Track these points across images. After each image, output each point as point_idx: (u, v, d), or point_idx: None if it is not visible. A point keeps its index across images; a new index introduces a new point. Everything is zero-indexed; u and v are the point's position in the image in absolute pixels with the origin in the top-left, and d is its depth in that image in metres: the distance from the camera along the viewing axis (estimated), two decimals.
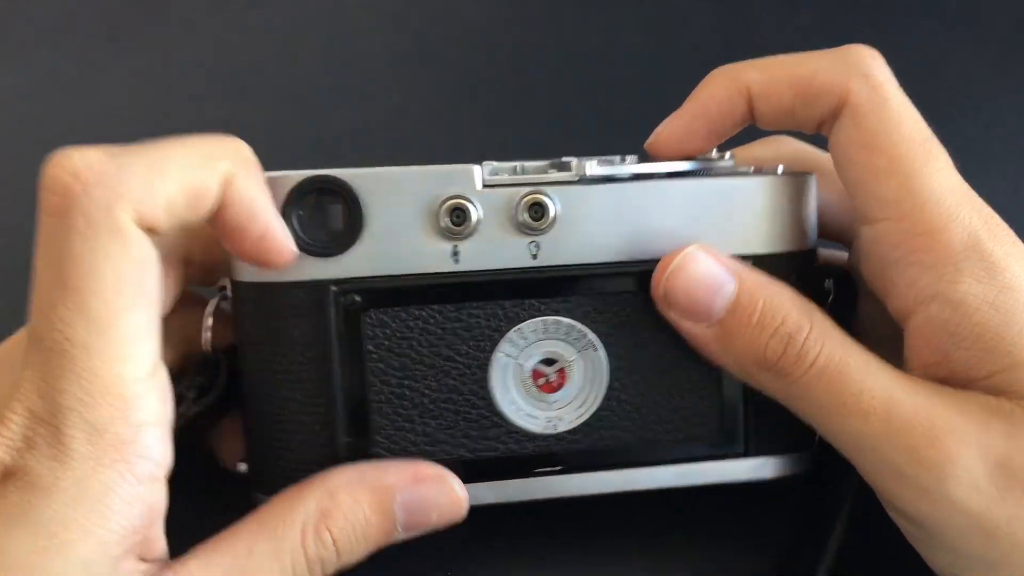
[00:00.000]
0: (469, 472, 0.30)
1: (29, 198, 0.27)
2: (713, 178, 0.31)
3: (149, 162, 0.26)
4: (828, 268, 0.34)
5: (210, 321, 0.32)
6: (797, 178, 0.31)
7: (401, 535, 0.29)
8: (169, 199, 0.26)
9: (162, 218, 0.26)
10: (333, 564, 0.28)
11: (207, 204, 0.27)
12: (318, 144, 0.30)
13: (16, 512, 0.24)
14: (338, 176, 0.29)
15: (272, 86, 0.35)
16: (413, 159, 0.30)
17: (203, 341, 0.32)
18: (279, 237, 0.28)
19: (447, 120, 0.41)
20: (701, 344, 0.30)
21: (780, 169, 0.32)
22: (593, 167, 0.30)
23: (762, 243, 0.31)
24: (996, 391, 0.28)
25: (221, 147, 0.27)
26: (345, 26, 0.42)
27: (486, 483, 0.31)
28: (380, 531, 0.28)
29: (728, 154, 0.32)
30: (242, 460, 0.32)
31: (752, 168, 0.32)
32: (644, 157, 0.32)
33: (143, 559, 0.26)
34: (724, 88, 0.31)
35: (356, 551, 0.28)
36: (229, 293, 0.31)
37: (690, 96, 0.32)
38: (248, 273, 0.30)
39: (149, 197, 0.25)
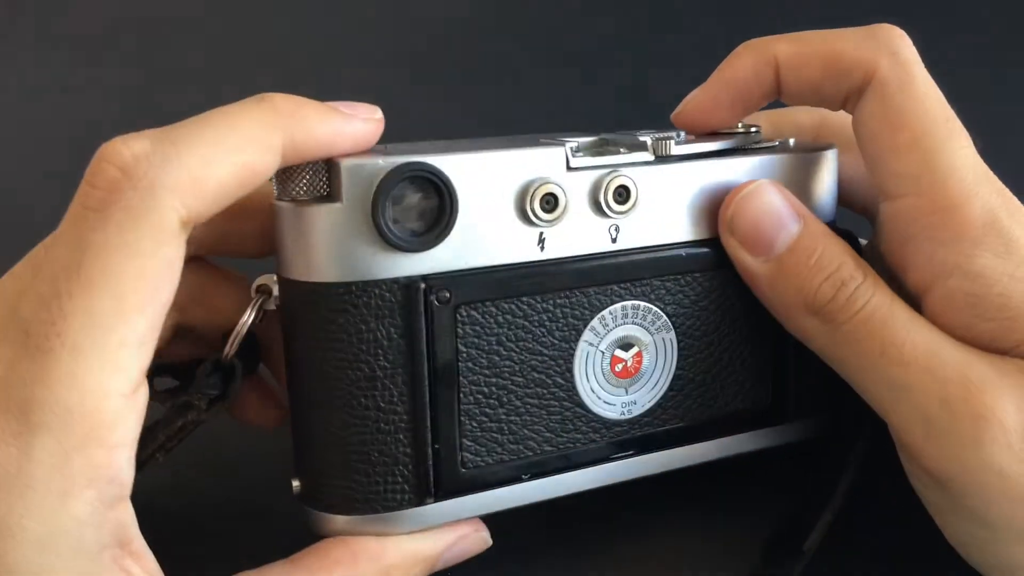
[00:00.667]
0: (550, 466, 0.29)
1: (29, 197, 0.24)
2: (768, 154, 0.31)
3: (203, 151, 0.24)
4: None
5: (245, 329, 0.28)
6: (825, 152, 0.32)
7: None
8: (221, 188, 0.24)
9: (210, 210, 0.24)
10: None
11: (263, 179, 0.25)
12: None
13: None
14: (430, 164, 0.26)
15: (272, 86, 0.31)
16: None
17: (227, 347, 0.28)
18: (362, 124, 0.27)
19: (447, 119, 0.39)
20: (752, 279, 0.30)
21: (792, 142, 0.33)
22: (672, 147, 0.29)
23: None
24: None
25: (269, 112, 0.25)
26: (345, 25, 0.39)
27: (565, 474, 0.30)
28: None
29: (754, 127, 0.33)
30: (295, 477, 0.29)
31: (777, 142, 0.33)
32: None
33: (133, 572, 0.24)
34: (752, 59, 0.31)
35: None
36: (276, 292, 0.28)
37: (718, 68, 0.32)
38: (321, 271, 0.26)
39: (200, 192, 0.24)
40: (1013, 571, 0.29)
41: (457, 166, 0.26)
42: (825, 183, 0.32)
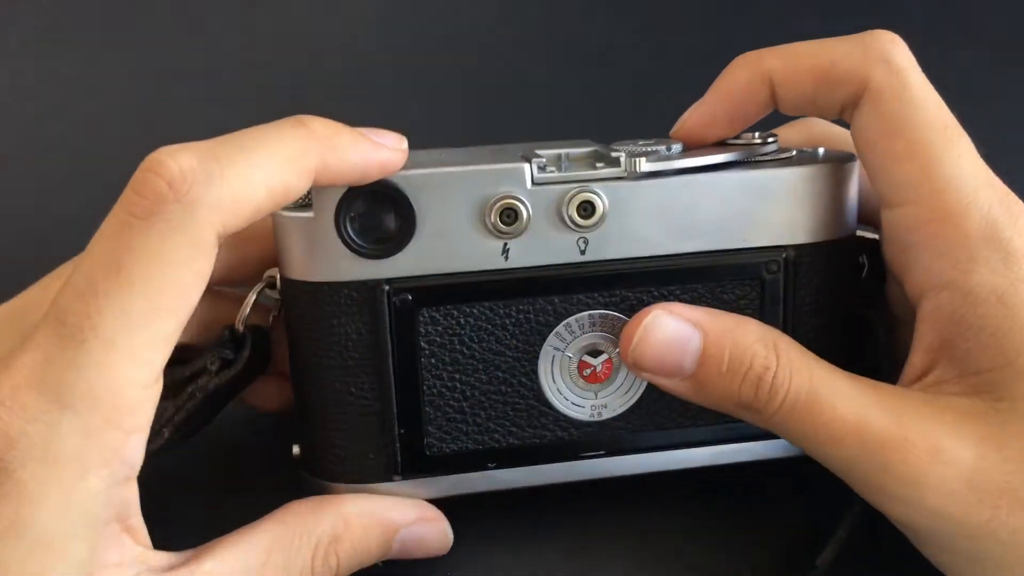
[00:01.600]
0: (516, 457, 0.31)
1: (29, 196, 0.27)
2: (758, 169, 0.31)
3: (242, 170, 0.26)
4: (862, 242, 0.34)
5: (252, 302, 0.32)
6: (841, 165, 0.31)
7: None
8: (257, 207, 0.26)
9: (242, 226, 0.26)
10: None
11: (293, 199, 0.27)
12: None
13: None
14: (390, 180, 0.29)
15: (272, 86, 0.34)
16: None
17: (238, 318, 0.33)
18: (386, 156, 0.28)
19: (447, 116, 0.41)
20: (679, 395, 0.31)
21: (821, 151, 0.32)
22: (642, 164, 0.30)
23: (807, 232, 0.31)
24: (983, 389, 0.28)
25: (305, 138, 0.27)
26: (345, 25, 0.41)
27: (532, 467, 0.32)
28: (375, 558, 0.31)
29: (772, 137, 0.32)
30: (295, 443, 0.33)
31: (794, 152, 0.32)
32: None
33: (126, 544, 0.26)
34: (746, 75, 0.31)
35: (350, 572, 0.30)
36: (278, 283, 0.31)
37: (713, 84, 0.32)
38: (300, 271, 0.30)
39: (238, 209, 0.26)
40: None
41: (416, 182, 0.29)
42: (828, 194, 0.31)
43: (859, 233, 0.34)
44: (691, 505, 0.35)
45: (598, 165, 0.30)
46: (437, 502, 0.32)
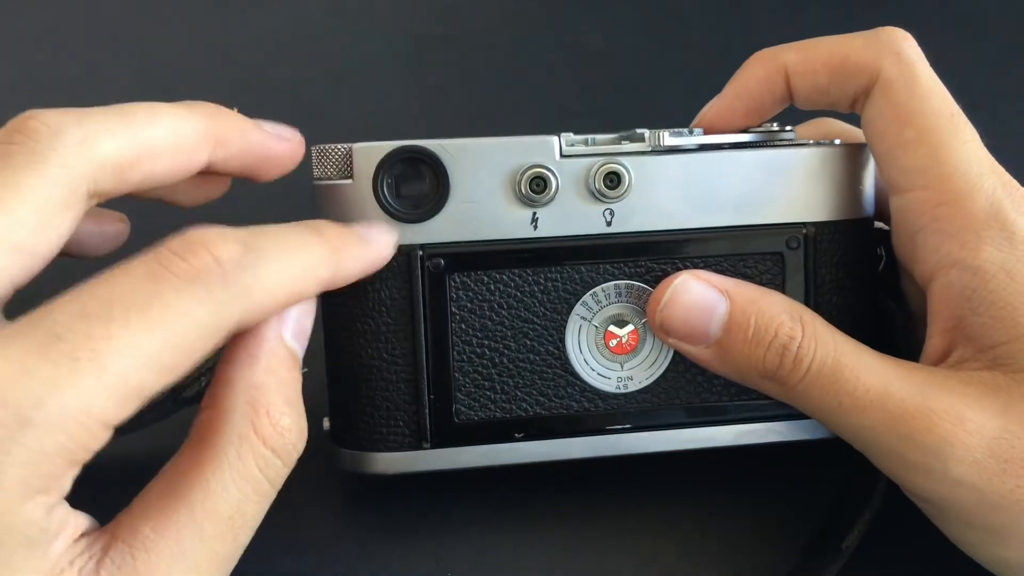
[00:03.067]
0: (543, 429, 0.32)
1: None
2: (777, 148, 0.32)
3: (279, 268, 0.26)
4: (880, 235, 0.35)
5: None
6: (856, 148, 0.33)
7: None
8: (279, 301, 0.26)
9: (263, 318, 0.26)
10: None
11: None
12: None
13: None
14: (426, 146, 0.30)
15: (272, 85, 0.36)
16: None
17: None
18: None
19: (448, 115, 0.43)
20: (703, 363, 0.31)
21: (837, 141, 0.34)
22: (666, 138, 0.31)
23: (825, 211, 0.32)
24: (1002, 362, 0.29)
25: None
26: (345, 25, 0.43)
27: (558, 439, 0.32)
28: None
29: (789, 127, 0.34)
30: (325, 416, 0.34)
31: (810, 141, 0.34)
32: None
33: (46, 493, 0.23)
34: (763, 68, 0.33)
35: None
36: None
37: (731, 79, 0.34)
38: None
39: (266, 306, 0.26)
40: (1011, 567, 0.29)
41: (451, 149, 0.30)
42: (845, 175, 0.32)
43: (877, 225, 0.35)
44: (712, 488, 0.35)
45: (623, 142, 0.31)
46: (464, 473, 0.32)
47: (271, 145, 0.30)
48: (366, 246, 0.29)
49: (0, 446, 0.21)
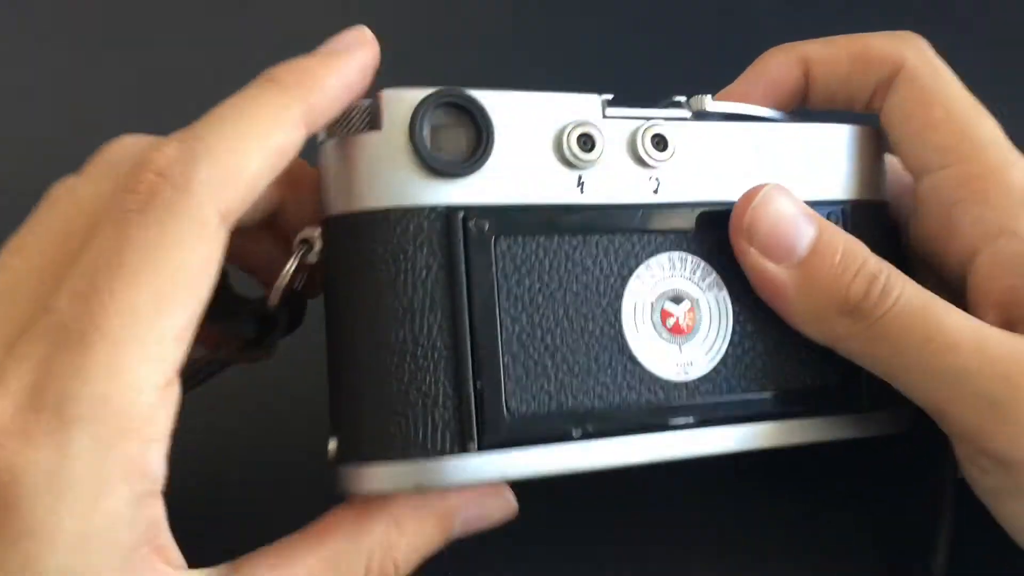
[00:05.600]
0: (604, 424, 0.27)
1: (30, 197, 0.25)
2: (816, 124, 0.31)
3: (230, 144, 0.24)
4: None
5: (287, 279, 0.28)
6: (879, 132, 0.32)
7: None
8: (255, 176, 0.24)
9: (245, 200, 0.24)
10: None
11: (292, 156, 0.25)
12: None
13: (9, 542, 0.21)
14: (467, 92, 0.27)
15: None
16: None
17: (272, 291, 0.28)
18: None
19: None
20: (776, 288, 0.28)
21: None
22: (708, 103, 0.30)
23: (860, 190, 0.31)
24: None
25: (279, 92, 0.25)
26: (345, 24, 0.41)
27: (621, 438, 0.27)
28: (435, 548, 0.27)
29: None
30: (331, 436, 0.27)
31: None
32: None
33: (159, 569, 0.23)
34: (784, 56, 0.33)
35: (412, 569, 0.27)
36: (317, 244, 0.28)
37: (749, 66, 0.34)
38: (362, 200, 0.26)
39: (235, 183, 0.24)
40: None
41: (493, 99, 0.27)
42: (873, 157, 0.32)
43: None
44: (773, 497, 0.32)
45: (657, 107, 0.30)
46: (519, 484, 0.27)
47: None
48: (331, 59, 0.26)
49: (56, 452, 0.21)
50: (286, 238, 0.29)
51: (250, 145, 0.24)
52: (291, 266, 0.28)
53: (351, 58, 0.26)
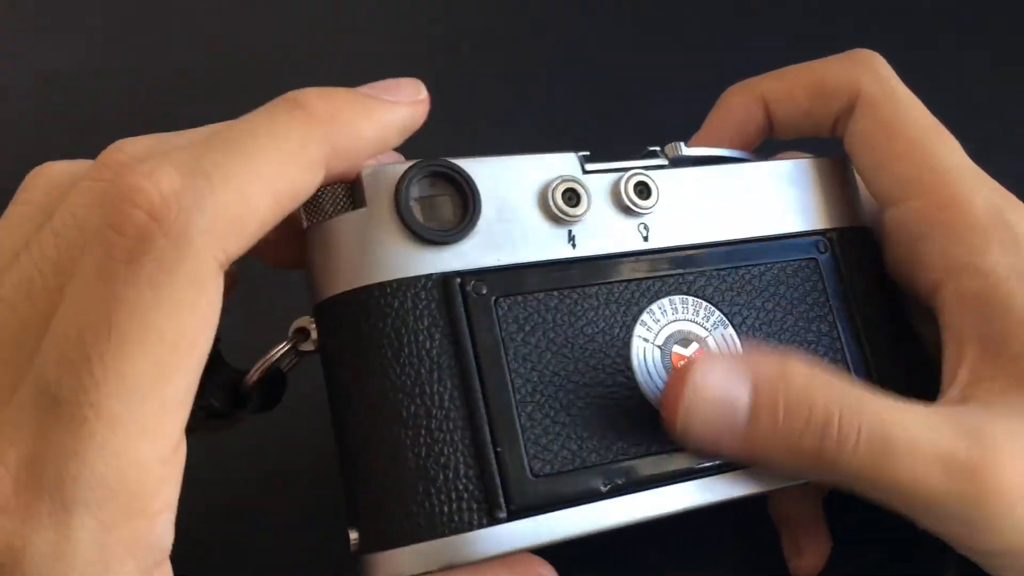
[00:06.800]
0: (630, 479, 0.26)
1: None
2: (785, 160, 0.32)
3: (239, 184, 0.21)
4: None
5: (273, 360, 0.27)
6: (846, 161, 0.33)
7: None
8: (262, 221, 0.22)
9: (247, 247, 0.22)
10: None
11: (304, 199, 0.24)
12: None
13: None
14: (446, 160, 0.27)
15: (273, 85, 0.32)
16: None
17: (251, 372, 0.27)
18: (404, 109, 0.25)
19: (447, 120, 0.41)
20: (735, 459, 0.27)
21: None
22: (683, 149, 0.30)
23: (841, 217, 0.32)
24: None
25: (306, 123, 0.23)
26: (345, 24, 0.41)
27: (651, 491, 0.26)
28: None
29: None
30: (350, 528, 0.26)
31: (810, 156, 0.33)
32: None
33: None
34: (742, 99, 0.33)
35: None
36: (312, 326, 0.27)
37: (710, 112, 0.34)
38: (355, 277, 0.26)
39: (240, 229, 0.22)
40: None
41: (472, 165, 0.27)
42: (847, 184, 0.32)
43: None
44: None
45: (633, 157, 0.30)
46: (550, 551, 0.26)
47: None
48: (375, 104, 0.24)
49: (58, 534, 0.20)
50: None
51: (262, 187, 0.22)
52: (279, 351, 0.27)
53: (396, 110, 0.25)
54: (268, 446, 0.33)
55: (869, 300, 0.31)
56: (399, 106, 0.25)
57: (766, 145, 0.34)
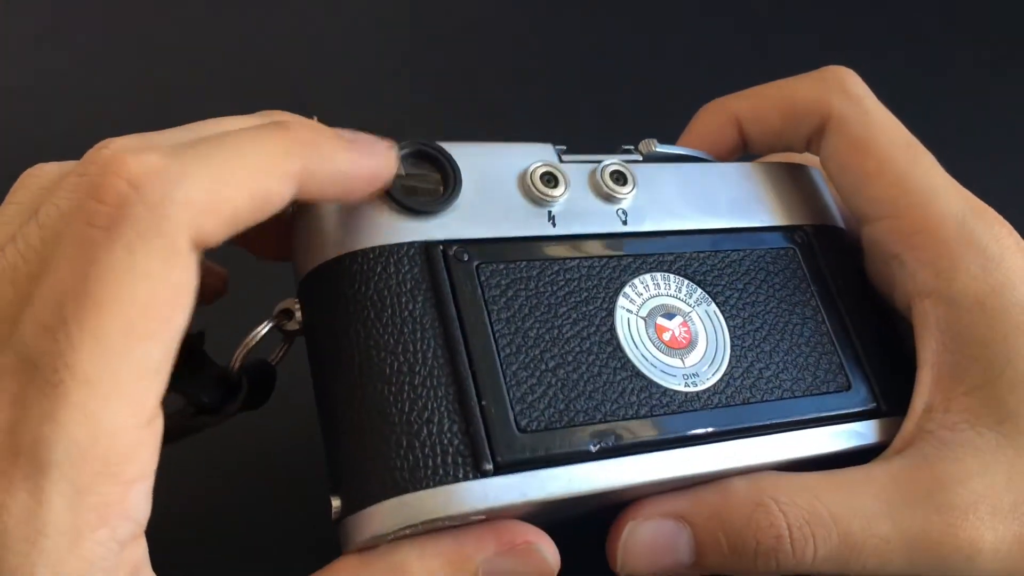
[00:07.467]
0: (620, 441, 0.26)
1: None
2: (756, 160, 0.33)
3: (217, 172, 0.22)
4: None
5: (254, 342, 0.27)
6: (812, 168, 0.34)
7: None
8: (235, 213, 0.23)
9: (222, 235, 0.23)
10: None
11: (277, 208, 0.24)
12: None
13: None
14: (430, 142, 0.28)
15: (273, 85, 0.33)
16: None
17: (235, 357, 0.27)
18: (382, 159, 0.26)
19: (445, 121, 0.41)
20: None
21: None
22: (655, 145, 0.31)
23: (816, 216, 0.32)
24: (984, 411, 0.27)
25: (287, 140, 0.24)
26: (345, 24, 0.42)
27: (641, 455, 0.26)
28: None
29: None
30: (333, 494, 0.25)
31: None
32: None
33: None
34: (715, 120, 0.34)
35: None
36: (296, 306, 0.27)
37: (684, 132, 0.35)
38: (341, 244, 0.26)
39: (214, 212, 0.22)
40: None
41: (455, 147, 0.28)
42: (820, 188, 0.33)
43: None
44: None
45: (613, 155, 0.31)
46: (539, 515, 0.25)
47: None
48: (352, 146, 0.24)
49: (31, 497, 0.20)
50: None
51: (238, 179, 0.22)
52: (262, 329, 0.27)
53: (369, 159, 0.25)
54: (258, 442, 0.32)
55: (850, 291, 0.31)
56: (374, 156, 0.26)
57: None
